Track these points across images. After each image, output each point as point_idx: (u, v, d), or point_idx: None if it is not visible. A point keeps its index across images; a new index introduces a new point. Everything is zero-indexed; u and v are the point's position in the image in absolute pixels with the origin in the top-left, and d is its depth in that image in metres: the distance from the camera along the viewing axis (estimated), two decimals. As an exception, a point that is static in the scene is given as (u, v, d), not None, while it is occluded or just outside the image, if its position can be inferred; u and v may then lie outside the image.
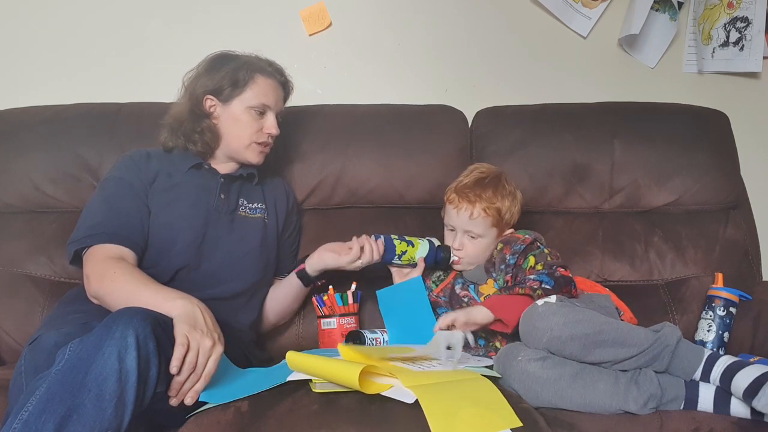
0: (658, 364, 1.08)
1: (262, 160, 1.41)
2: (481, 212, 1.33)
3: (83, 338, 0.89)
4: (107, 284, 1.13)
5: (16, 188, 1.57)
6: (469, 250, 1.36)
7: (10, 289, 1.49)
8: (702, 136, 1.63)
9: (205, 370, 0.98)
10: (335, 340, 1.40)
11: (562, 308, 1.10)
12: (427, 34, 1.85)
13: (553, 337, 1.07)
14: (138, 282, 1.12)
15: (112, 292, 1.12)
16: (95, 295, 1.15)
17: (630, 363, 1.09)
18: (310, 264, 1.38)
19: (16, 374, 1.06)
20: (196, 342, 0.98)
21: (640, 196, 1.61)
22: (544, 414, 1.02)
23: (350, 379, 0.90)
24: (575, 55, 1.88)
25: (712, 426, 1.01)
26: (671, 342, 1.09)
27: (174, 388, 0.97)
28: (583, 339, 1.07)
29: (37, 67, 1.80)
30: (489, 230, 1.36)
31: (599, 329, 1.08)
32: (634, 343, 1.08)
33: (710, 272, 1.53)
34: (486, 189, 1.35)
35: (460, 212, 1.34)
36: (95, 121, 1.61)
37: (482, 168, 1.41)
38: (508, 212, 1.36)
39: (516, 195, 1.39)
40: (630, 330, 1.10)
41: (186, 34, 1.80)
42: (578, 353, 1.08)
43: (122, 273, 1.14)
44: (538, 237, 1.35)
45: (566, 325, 1.07)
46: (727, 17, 1.84)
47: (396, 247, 1.37)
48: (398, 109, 1.69)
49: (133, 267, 1.19)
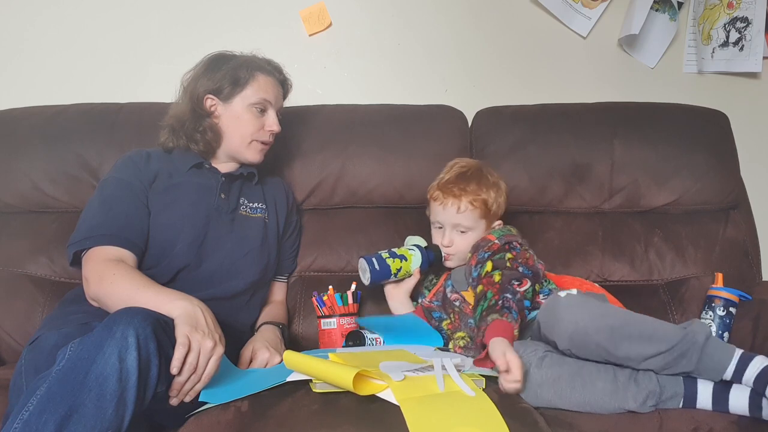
0: (686, 363, 1.03)
1: (261, 159, 1.41)
2: (468, 205, 1.33)
3: (84, 338, 0.89)
4: (106, 286, 1.12)
5: (16, 188, 1.57)
6: (460, 245, 1.35)
7: (10, 289, 1.49)
8: (702, 136, 1.63)
9: (205, 371, 0.99)
10: (335, 340, 1.40)
11: (587, 300, 1.08)
12: (427, 34, 1.86)
13: (578, 329, 1.04)
14: (138, 284, 1.12)
15: (112, 294, 1.11)
16: (94, 297, 1.15)
17: (657, 361, 1.04)
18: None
19: (16, 374, 1.07)
20: (197, 343, 0.98)
21: (640, 196, 1.61)
22: (544, 414, 1.02)
23: (345, 382, 0.90)
24: (575, 55, 1.88)
25: (711, 425, 1.01)
26: (700, 339, 1.03)
27: (175, 389, 0.97)
28: (609, 331, 1.03)
29: (37, 67, 1.80)
30: (478, 222, 1.35)
31: (625, 321, 1.05)
32: (661, 338, 1.03)
33: (710, 272, 1.53)
34: (470, 182, 1.34)
35: (447, 207, 1.34)
36: (95, 121, 1.61)
37: (462, 162, 1.41)
38: (494, 203, 1.35)
39: (500, 185, 1.39)
40: (657, 324, 1.06)
41: (186, 34, 1.80)
42: (604, 347, 1.04)
43: (121, 275, 1.13)
44: (511, 240, 1.29)
45: (592, 318, 1.04)
46: (727, 17, 1.84)
47: (390, 266, 1.35)
48: (398, 109, 1.69)
49: (133, 269, 1.18)
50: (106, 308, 1.11)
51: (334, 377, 0.93)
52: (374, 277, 1.35)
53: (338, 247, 1.59)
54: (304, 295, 1.54)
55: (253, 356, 1.17)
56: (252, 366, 1.15)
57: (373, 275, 1.34)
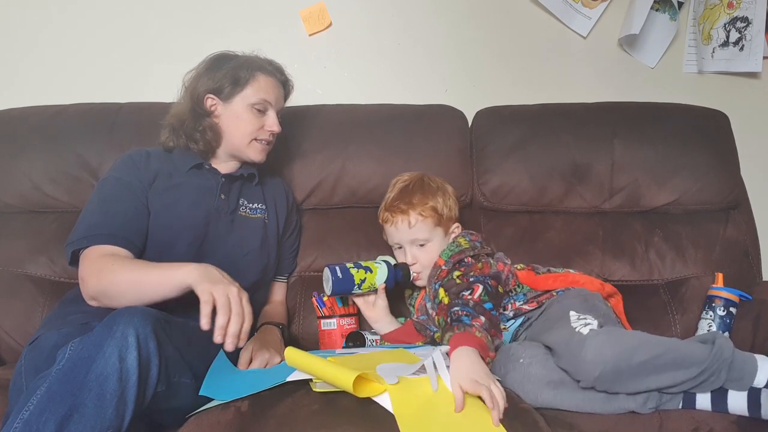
0: (716, 380, 1.02)
1: (264, 158, 1.41)
2: (418, 217, 1.32)
3: (84, 338, 0.89)
4: (106, 277, 1.10)
5: (16, 188, 1.57)
6: (424, 259, 1.33)
7: (10, 289, 1.49)
8: (702, 136, 1.64)
9: (245, 310, 1.00)
10: (335, 340, 1.40)
11: (613, 336, 1.02)
12: (427, 34, 1.85)
13: (605, 371, 0.99)
14: (140, 266, 1.11)
15: (114, 283, 1.10)
16: (94, 294, 1.12)
17: (687, 384, 1.02)
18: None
19: (16, 374, 1.07)
20: (221, 293, 0.98)
21: (640, 196, 1.61)
22: (544, 414, 1.02)
23: (345, 383, 0.90)
24: (575, 55, 1.88)
25: (711, 425, 1.01)
26: (727, 355, 1.02)
27: (218, 334, 0.97)
28: (638, 368, 0.99)
29: (37, 67, 1.80)
30: (433, 231, 1.34)
31: (654, 353, 1.00)
32: (690, 363, 1.01)
33: (710, 272, 1.53)
34: (413, 194, 1.34)
35: (399, 226, 1.33)
36: (95, 121, 1.61)
37: (403, 178, 1.41)
38: (444, 207, 1.35)
39: (445, 189, 1.39)
40: (684, 349, 1.03)
41: (186, 34, 1.80)
42: (633, 385, 1.01)
43: (121, 263, 1.13)
44: (460, 258, 1.27)
45: (621, 356, 0.99)
46: (727, 17, 1.84)
47: (354, 276, 1.30)
48: (398, 109, 1.69)
49: (131, 258, 1.18)
50: (110, 301, 1.10)
51: (334, 377, 0.93)
52: (336, 287, 1.29)
53: (338, 247, 1.59)
54: (304, 295, 1.54)
55: (253, 356, 1.17)
56: (252, 366, 1.15)
57: (335, 285, 1.29)
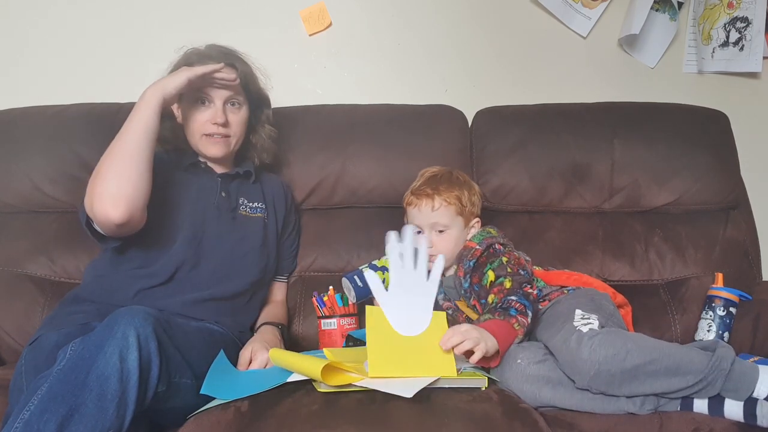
0: (711, 389, 1.02)
1: (220, 152, 1.34)
2: (443, 201, 1.34)
3: (85, 338, 0.89)
4: (100, 165, 1.16)
5: (16, 188, 1.57)
6: (440, 245, 1.34)
7: (10, 289, 1.49)
8: (702, 136, 1.63)
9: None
10: (335, 340, 1.40)
11: (609, 336, 1.03)
12: (427, 34, 1.85)
13: (600, 371, 1.00)
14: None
15: (100, 170, 1.15)
16: (101, 194, 1.12)
17: (683, 392, 1.03)
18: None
19: (17, 374, 1.07)
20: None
21: (640, 196, 1.61)
22: (544, 414, 1.02)
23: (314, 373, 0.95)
24: (575, 55, 1.88)
25: (711, 426, 1.01)
26: (726, 366, 1.02)
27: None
28: (634, 371, 1.00)
29: (37, 67, 1.80)
30: (454, 219, 1.36)
31: (651, 358, 1.01)
32: (687, 370, 1.01)
33: (710, 272, 1.53)
34: (441, 183, 1.37)
35: (422, 208, 1.35)
36: (95, 121, 1.60)
37: (432, 169, 1.44)
38: (468, 201, 1.37)
39: (472, 185, 1.41)
40: (683, 356, 1.03)
41: (186, 34, 1.77)
42: (628, 387, 1.02)
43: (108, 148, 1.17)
44: (492, 242, 1.31)
45: (616, 357, 1.00)
46: (727, 17, 1.84)
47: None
48: (398, 109, 1.68)
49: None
50: (113, 187, 1.12)
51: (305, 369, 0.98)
52: (359, 293, 1.35)
53: (338, 247, 1.60)
54: (304, 295, 1.54)
55: (253, 357, 1.17)
56: (252, 366, 1.15)
57: (357, 292, 1.34)
